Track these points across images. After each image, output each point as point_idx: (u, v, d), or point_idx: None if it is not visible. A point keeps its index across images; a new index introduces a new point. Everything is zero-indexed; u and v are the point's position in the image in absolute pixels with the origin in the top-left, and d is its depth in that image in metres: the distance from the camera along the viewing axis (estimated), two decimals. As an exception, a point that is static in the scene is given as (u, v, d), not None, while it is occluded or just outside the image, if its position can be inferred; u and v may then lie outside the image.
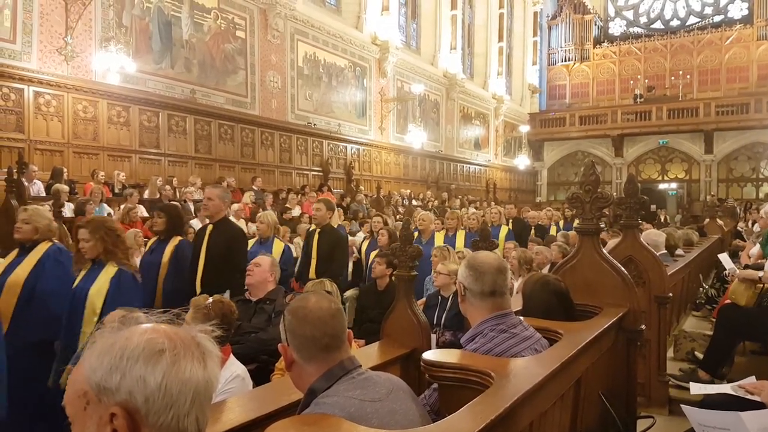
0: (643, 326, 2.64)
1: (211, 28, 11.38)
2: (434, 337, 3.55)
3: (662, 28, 25.13)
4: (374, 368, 1.80)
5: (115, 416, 0.78)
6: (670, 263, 4.59)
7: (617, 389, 2.48)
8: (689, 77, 23.05)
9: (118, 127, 9.82)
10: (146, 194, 9.07)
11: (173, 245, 4.17)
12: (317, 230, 4.98)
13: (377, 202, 12.92)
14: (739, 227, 10.92)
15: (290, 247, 5.33)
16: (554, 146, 25.18)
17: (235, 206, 9.10)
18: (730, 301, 3.61)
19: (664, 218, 17.16)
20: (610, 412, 2.22)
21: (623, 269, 2.71)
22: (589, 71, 25.14)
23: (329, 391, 1.36)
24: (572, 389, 1.91)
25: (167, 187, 9.13)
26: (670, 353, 4.09)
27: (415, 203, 14.46)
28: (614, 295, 2.62)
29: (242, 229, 4.59)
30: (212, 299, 2.64)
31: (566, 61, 25.40)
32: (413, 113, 17.80)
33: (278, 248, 5.06)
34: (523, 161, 24.04)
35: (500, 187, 22.08)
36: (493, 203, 14.77)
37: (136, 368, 0.79)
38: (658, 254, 3.74)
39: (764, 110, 20.55)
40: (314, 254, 4.83)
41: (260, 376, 2.84)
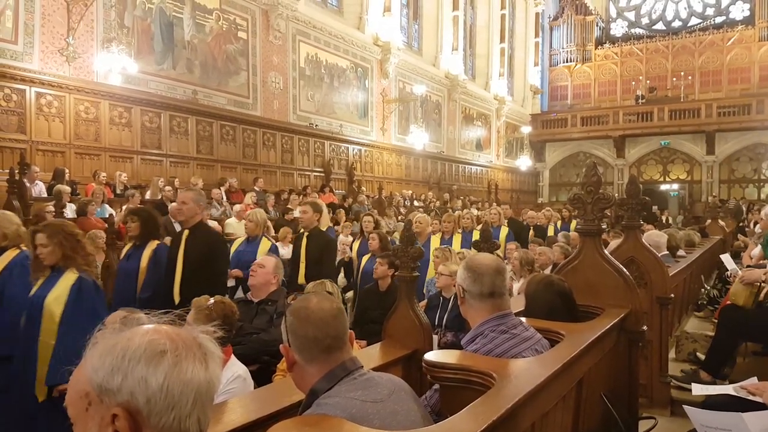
0: (644, 327, 2.64)
1: (212, 28, 11.39)
2: (436, 338, 3.55)
3: (664, 29, 25.11)
4: (376, 369, 1.80)
5: (116, 417, 0.78)
6: (671, 264, 4.58)
7: (619, 390, 2.48)
8: (691, 78, 23.03)
9: (119, 128, 9.83)
10: (148, 195, 9.08)
11: (151, 250, 3.99)
12: (305, 234, 4.79)
13: (379, 203, 12.91)
14: (745, 226, 10.92)
15: (277, 246, 5.16)
16: (556, 147, 25.16)
17: (237, 207, 9.13)
18: (730, 302, 3.60)
19: (665, 219, 17.14)
20: (612, 413, 2.22)
21: (625, 270, 2.71)
22: (590, 72, 25.12)
23: (331, 391, 1.36)
24: (574, 390, 1.91)
25: (168, 187, 9.14)
26: (672, 354, 4.09)
27: (416, 204, 14.47)
28: (616, 296, 2.62)
29: (219, 232, 4.32)
30: (213, 300, 2.64)
31: (568, 62, 25.39)
32: (415, 114, 17.80)
33: (265, 247, 4.90)
34: (524, 162, 24.02)
35: (502, 188, 22.07)
36: (494, 204, 14.77)
37: (137, 369, 0.79)
38: (659, 255, 3.74)
39: (766, 111, 20.51)
40: (303, 258, 4.64)
41: (262, 377, 2.85)
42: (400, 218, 10.99)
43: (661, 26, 25.35)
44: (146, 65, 10.13)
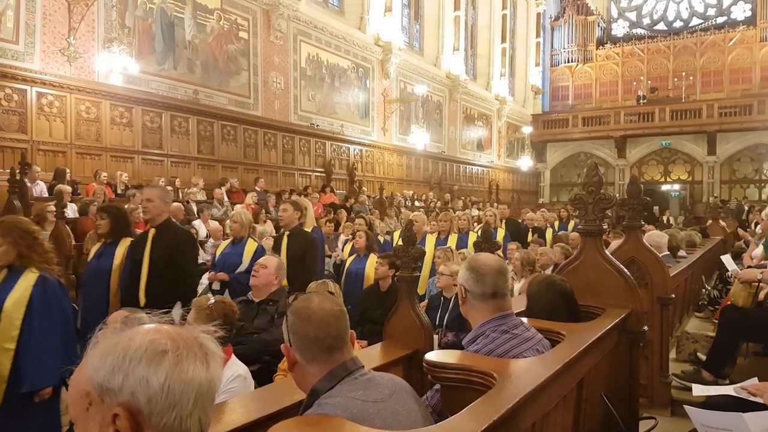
0: (645, 327, 2.64)
1: (213, 28, 11.40)
2: (436, 338, 3.55)
3: (665, 29, 25.09)
4: (377, 369, 1.80)
5: (117, 417, 0.78)
6: (672, 264, 4.58)
7: (620, 390, 2.48)
8: (692, 78, 23.01)
9: (120, 127, 9.84)
10: (149, 195, 9.07)
11: (124, 247, 3.83)
12: (285, 233, 4.61)
13: (380, 203, 12.92)
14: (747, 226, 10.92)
15: (263, 247, 4.89)
16: (557, 147, 25.14)
17: (238, 207, 9.14)
18: (730, 302, 3.61)
19: (666, 220, 17.12)
20: (612, 413, 2.22)
21: (626, 270, 2.71)
22: (591, 72, 25.12)
23: (332, 391, 1.36)
24: (575, 390, 1.91)
25: (169, 188, 9.15)
26: (672, 354, 4.09)
27: (417, 204, 14.46)
28: (617, 296, 2.62)
29: (189, 231, 4.07)
30: (214, 299, 2.65)
31: (569, 62, 25.38)
32: (416, 114, 17.80)
33: (251, 248, 4.72)
34: (525, 162, 24.02)
35: (503, 188, 22.06)
36: (496, 204, 14.77)
37: (138, 369, 0.79)
38: (660, 255, 3.74)
39: (767, 111, 20.49)
40: (283, 259, 4.41)
41: (263, 376, 2.84)
42: (400, 218, 10.97)
43: (662, 26, 25.32)
44: (147, 65, 10.14)
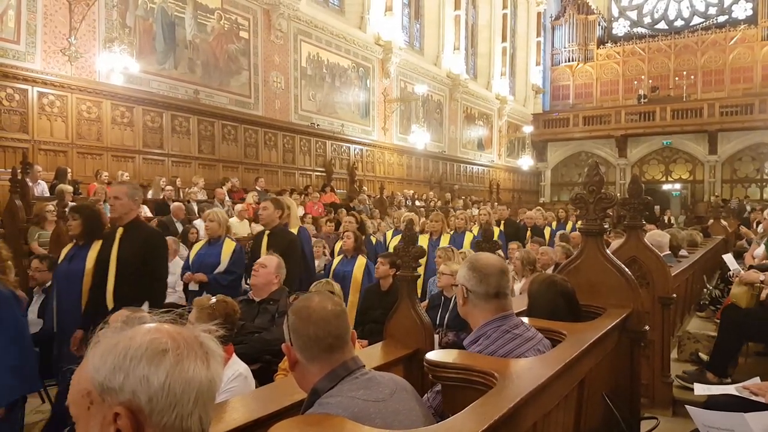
0: (646, 327, 2.63)
1: (214, 28, 11.40)
2: (437, 337, 3.55)
3: (666, 28, 25.06)
4: (377, 369, 1.80)
5: (118, 416, 0.78)
6: (674, 264, 4.57)
7: (621, 390, 2.48)
8: (693, 78, 22.98)
9: (121, 127, 9.85)
10: (150, 194, 9.10)
11: (96, 250, 3.65)
12: (266, 232, 4.43)
13: (380, 202, 12.92)
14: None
15: (242, 246, 4.71)
16: (558, 147, 25.13)
17: (238, 206, 9.15)
18: (732, 302, 3.60)
19: (667, 219, 17.11)
20: (613, 413, 2.22)
21: (627, 270, 2.70)
22: (592, 72, 25.09)
23: (333, 391, 1.36)
24: (576, 390, 1.91)
25: (170, 187, 9.16)
26: (674, 354, 4.08)
27: (418, 204, 14.46)
28: (618, 295, 2.61)
29: (159, 230, 3.92)
30: (215, 299, 2.65)
31: (570, 61, 25.36)
32: (416, 114, 17.80)
33: (229, 248, 4.53)
34: (526, 162, 24.01)
35: (503, 187, 22.05)
36: (495, 203, 14.76)
37: (139, 368, 0.79)
38: (662, 255, 3.73)
39: (769, 111, 20.50)
40: None
41: (264, 376, 2.85)
42: (402, 218, 10.96)
43: (663, 25, 25.30)
44: (148, 65, 10.14)
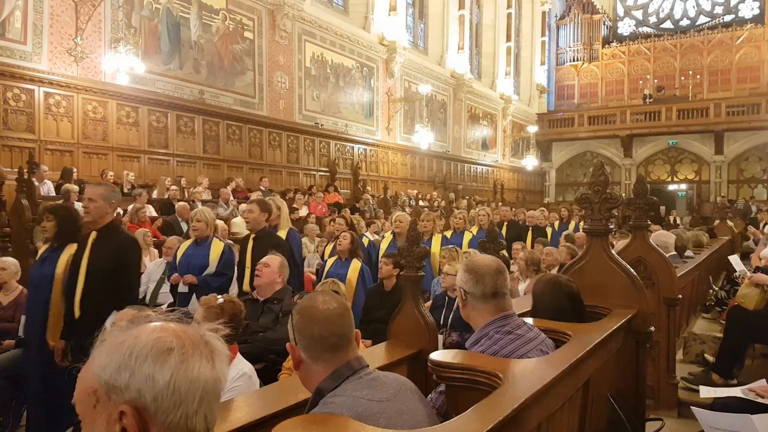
0: (652, 328, 2.62)
1: (219, 29, 11.43)
2: (441, 337, 3.54)
3: (672, 27, 24.96)
4: (381, 368, 1.80)
5: (124, 414, 0.78)
6: (679, 265, 4.55)
7: (626, 391, 2.47)
8: (699, 77, 22.87)
9: (127, 127, 9.89)
10: (155, 194, 9.14)
11: (69, 254, 3.43)
12: (251, 235, 4.30)
13: (384, 202, 12.93)
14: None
15: (230, 247, 4.59)
16: (562, 147, 25.06)
17: (243, 206, 9.15)
18: (738, 303, 3.58)
19: (673, 220, 17.05)
20: (618, 414, 2.21)
21: (632, 271, 2.69)
22: (597, 71, 25.01)
23: (337, 390, 1.36)
24: (581, 391, 1.90)
25: (175, 187, 9.19)
26: (679, 356, 4.07)
27: (422, 204, 14.45)
28: (623, 296, 2.60)
29: (133, 237, 3.72)
30: (222, 298, 2.66)
31: (575, 61, 25.28)
32: (420, 114, 17.79)
33: (217, 249, 4.39)
34: (531, 162, 23.95)
35: (508, 187, 22.02)
36: (494, 204, 14.74)
37: (144, 367, 0.79)
38: (667, 256, 3.72)
39: (775, 110, 20.38)
40: (248, 263, 4.12)
41: (268, 375, 2.85)
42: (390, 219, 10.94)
43: (669, 25, 25.20)
44: (153, 65, 10.18)
